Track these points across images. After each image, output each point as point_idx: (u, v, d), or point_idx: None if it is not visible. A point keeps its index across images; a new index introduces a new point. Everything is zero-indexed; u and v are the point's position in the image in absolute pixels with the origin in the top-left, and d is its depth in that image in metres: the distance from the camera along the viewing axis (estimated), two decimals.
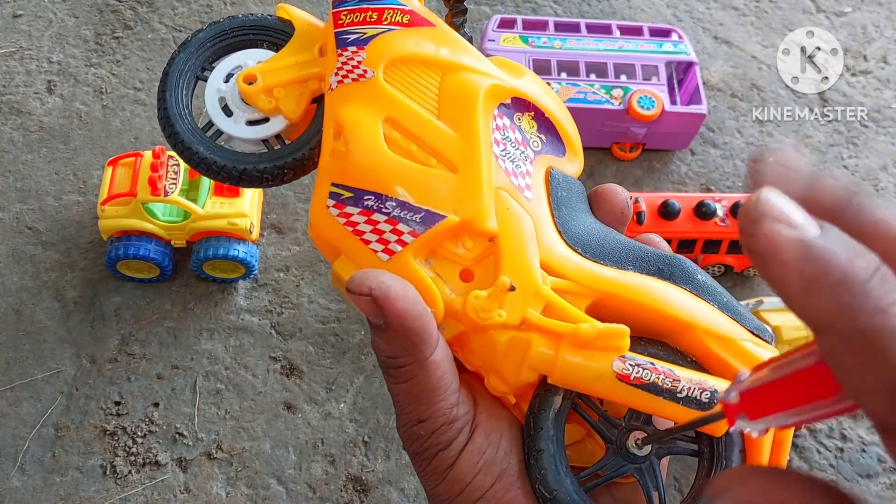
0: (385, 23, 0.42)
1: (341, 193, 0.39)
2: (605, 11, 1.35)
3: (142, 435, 0.94)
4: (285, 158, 0.44)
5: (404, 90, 0.41)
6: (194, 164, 0.44)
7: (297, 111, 0.44)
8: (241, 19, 0.48)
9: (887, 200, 1.18)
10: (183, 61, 0.47)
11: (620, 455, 0.38)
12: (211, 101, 0.46)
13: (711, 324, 0.38)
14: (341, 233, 0.39)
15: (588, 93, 1.14)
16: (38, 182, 1.12)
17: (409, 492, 0.93)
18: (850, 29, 1.36)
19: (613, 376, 0.36)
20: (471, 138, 0.40)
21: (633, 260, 0.40)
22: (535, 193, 0.40)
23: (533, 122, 0.43)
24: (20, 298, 1.03)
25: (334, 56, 0.42)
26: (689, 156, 1.22)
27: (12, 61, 1.22)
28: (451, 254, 0.39)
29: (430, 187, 0.38)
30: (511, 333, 0.38)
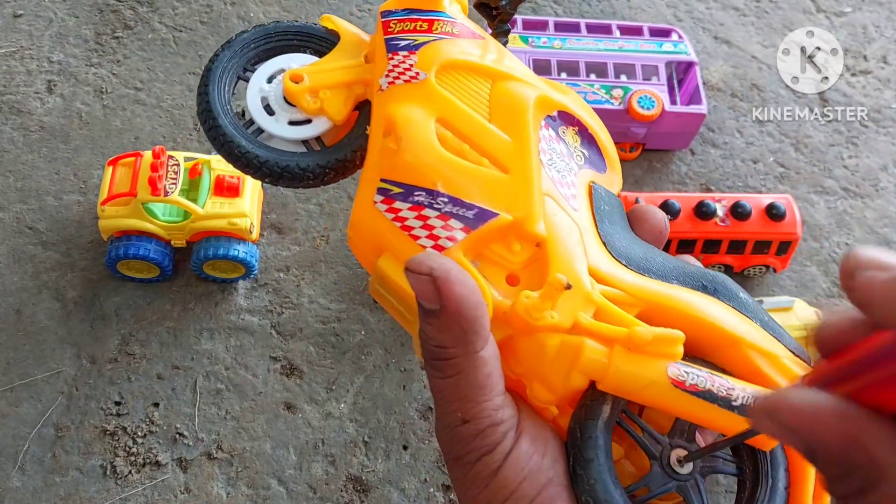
0: (436, 32, 0.43)
1: (390, 189, 0.38)
2: (605, 11, 1.35)
3: (142, 435, 0.94)
4: (328, 158, 0.44)
5: (456, 94, 0.41)
6: (235, 159, 0.44)
7: (343, 113, 0.44)
8: (287, 24, 0.49)
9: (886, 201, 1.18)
10: (227, 59, 0.48)
11: (665, 472, 0.37)
12: (253, 100, 0.46)
13: (756, 340, 0.38)
14: (389, 228, 0.38)
15: (588, 93, 1.14)
16: (38, 182, 1.12)
17: (409, 492, 0.93)
18: (850, 29, 1.36)
19: (668, 382, 0.35)
20: (522, 143, 0.39)
21: (677, 275, 0.40)
22: (579, 205, 0.40)
23: (577, 136, 0.43)
24: (20, 298, 1.03)
25: (384, 60, 0.43)
26: (689, 156, 1.22)
27: (12, 61, 1.22)
28: (498, 257, 0.38)
29: (483, 186, 0.38)
30: (562, 337, 0.36)
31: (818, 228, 1.17)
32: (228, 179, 1.01)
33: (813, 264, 1.14)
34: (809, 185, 1.20)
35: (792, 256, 1.09)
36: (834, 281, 1.12)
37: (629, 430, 0.37)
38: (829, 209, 1.18)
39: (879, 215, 1.18)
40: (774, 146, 1.23)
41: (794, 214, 1.05)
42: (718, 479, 0.90)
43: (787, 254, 1.08)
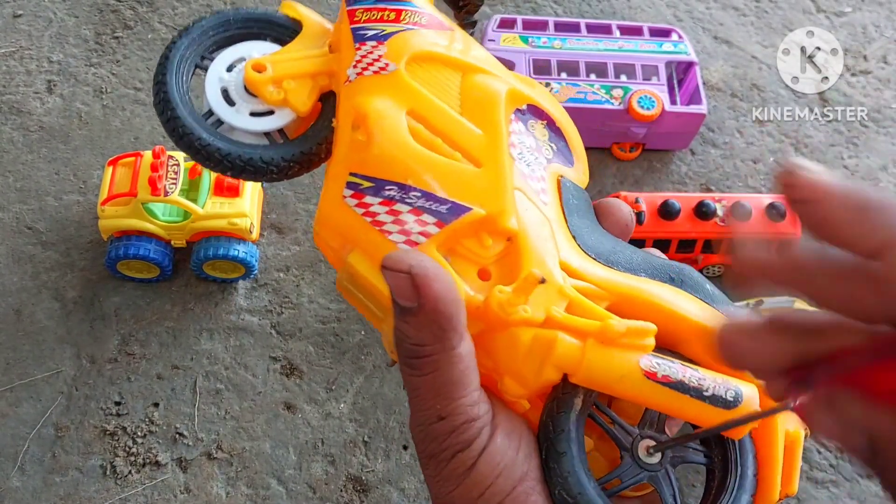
0: (403, 22, 0.42)
1: (360, 183, 0.38)
2: (605, 11, 1.35)
3: (142, 435, 0.94)
4: (292, 150, 0.42)
5: (427, 86, 0.40)
6: (194, 152, 0.42)
7: (308, 104, 0.43)
8: (246, 11, 0.47)
9: None
10: (184, 46, 0.46)
11: (635, 462, 0.37)
12: (212, 90, 0.44)
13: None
14: (358, 224, 0.37)
15: (588, 93, 1.14)
16: (38, 182, 1.12)
17: (409, 492, 0.93)
18: (850, 29, 1.36)
19: (641, 374, 0.35)
20: (494, 136, 0.39)
21: (644, 267, 0.40)
22: (549, 199, 0.40)
23: (545, 130, 0.43)
24: (20, 298, 1.03)
25: (351, 50, 0.41)
26: (689, 156, 1.22)
27: (12, 61, 1.22)
28: (469, 252, 0.38)
29: (456, 179, 0.38)
30: (535, 331, 0.36)
31: None
32: (228, 179, 1.01)
33: None
34: None
35: None
36: None
37: (600, 421, 0.37)
38: None
39: None
40: (774, 146, 1.23)
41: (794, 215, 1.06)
42: (696, 472, 0.90)
43: None
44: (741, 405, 0.35)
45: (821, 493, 0.90)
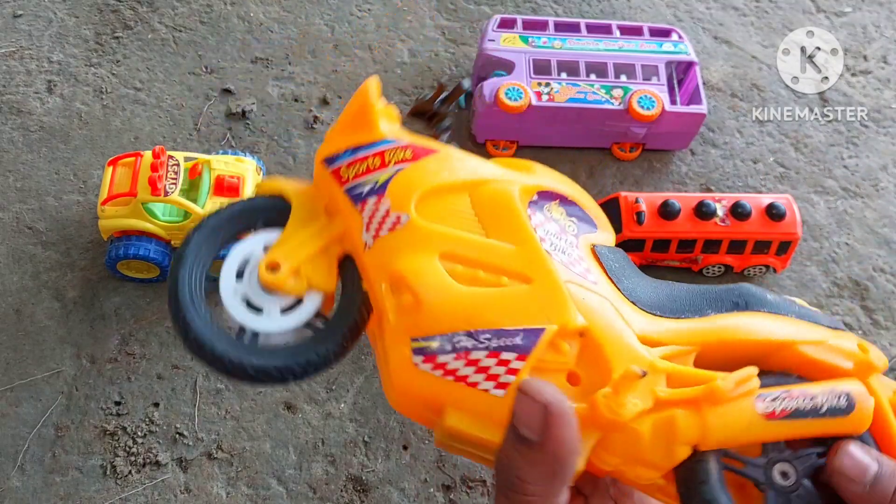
0: (391, 164, 0.41)
1: (427, 346, 0.37)
2: (605, 11, 1.35)
3: (142, 435, 0.94)
4: (341, 329, 0.41)
5: (444, 221, 0.39)
6: (255, 381, 0.41)
7: (332, 281, 0.42)
8: (228, 211, 0.45)
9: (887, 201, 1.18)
10: (187, 274, 0.43)
11: (777, 492, 0.37)
12: (234, 304, 0.42)
13: (802, 335, 0.39)
14: (443, 385, 0.37)
15: (588, 93, 1.14)
16: (38, 182, 1.12)
17: (409, 492, 0.93)
18: (850, 29, 1.36)
19: (762, 418, 0.36)
20: (528, 245, 0.39)
21: (708, 304, 0.41)
22: (595, 275, 0.40)
23: (560, 208, 0.43)
24: (20, 298, 1.03)
25: (355, 213, 0.40)
26: (689, 156, 1.22)
27: (12, 61, 1.22)
28: (551, 363, 0.37)
29: (516, 306, 0.37)
30: (651, 418, 0.37)
31: (818, 228, 1.17)
32: (228, 179, 1.01)
33: (813, 264, 1.14)
34: (809, 185, 1.20)
35: (792, 256, 1.09)
36: (834, 281, 1.12)
37: (733, 469, 0.38)
38: (829, 209, 1.18)
39: (879, 215, 1.18)
40: (774, 146, 1.23)
41: (794, 214, 1.05)
42: None
43: (787, 254, 1.08)
44: (856, 406, 0.37)
45: None
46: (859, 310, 1.10)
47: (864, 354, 0.39)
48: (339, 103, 1.22)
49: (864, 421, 0.37)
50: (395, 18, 1.31)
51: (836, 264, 1.14)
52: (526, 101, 1.11)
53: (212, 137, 1.17)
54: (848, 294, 1.11)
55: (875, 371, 0.39)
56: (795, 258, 1.13)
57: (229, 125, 1.19)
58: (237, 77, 1.23)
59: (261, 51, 1.26)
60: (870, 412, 0.37)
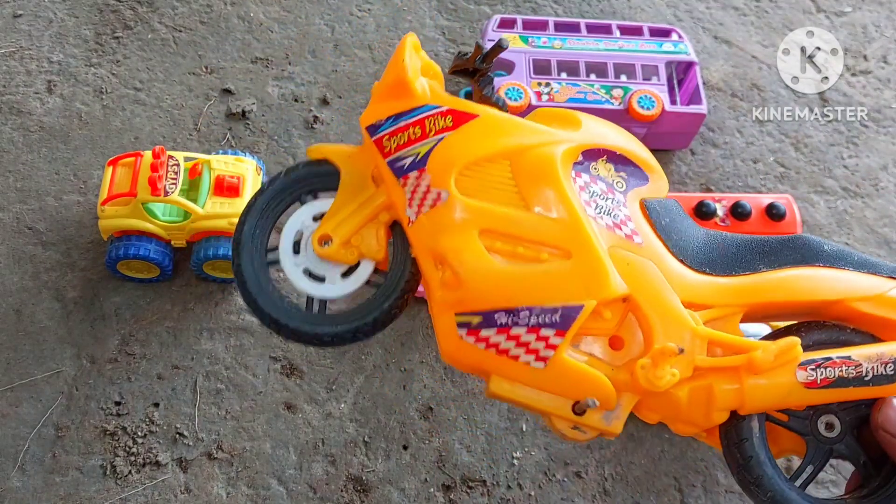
0: (431, 134, 0.41)
1: (469, 321, 0.38)
2: (605, 11, 1.35)
3: (142, 435, 0.94)
4: (398, 285, 0.43)
5: (484, 195, 0.39)
6: (330, 345, 0.44)
7: (382, 248, 0.44)
8: (269, 189, 0.46)
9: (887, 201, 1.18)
10: (248, 259, 0.46)
11: (820, 443, 0.38)
12: (298, 279, 0.45)
13: (855, 290, 0.39)
14: (486, 357, 0.38)
15: (588, 93, 1.14)
16: (38, 182, 1.12)
17: (409, 492, 0.93)
18: (850, 29, 1.36)
19: (801, 387, 0.37)
20: (570, 215, 0.39)
21: (760, 258, 0.40)
22: (642, 234, 0.40)
23: (608, 164, 0.43)
24: (20, 298, 1.03)
25: (396, 186, 0.41)
26: (689, 156, 1.22)
27: (12, 61, 1.22)
28: (594, 329, 0.39)
29: (556, 283, 0.38)
30: (689, 385, 0.38)
31: (818, 228, 1.17)
32: (229, 179, 1.01)
33: None
34: (809, 185, 1.20)
35: None
36: None
37: (776, 421, 0.39)
38: (829, 209, 1.18)
39: (879, 215, 1.18)
40: (774, 146, 1.23)
41: (794, 214, 1.06)
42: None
43: None
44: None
45: (821, 493, 0.90)
46: None
47: None
48: (340, 103, 1.22)
49: None
50: (395, 18, 1.31)
51: None
52: (526, 101, 1.11)
53: (212, 137, 1.17)
54: None
55: None
56: None
57: (229, 125, 1.19)
58: (237, 77, 1.23)
59: (261, 51, 1.26)
60: None
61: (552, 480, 0.94)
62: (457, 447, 0.96)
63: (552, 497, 0.93)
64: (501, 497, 0.93)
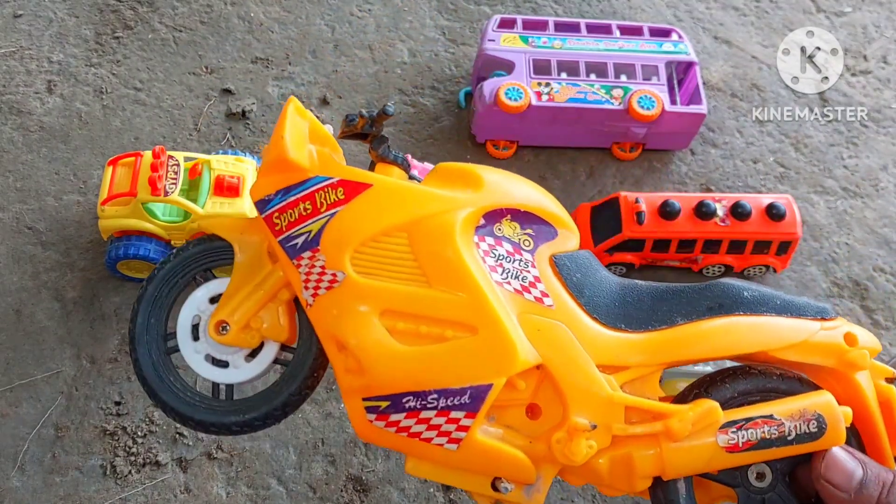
0: (323, 209, 0.39)
1: (378, 405, 0.37)
2: (605, 11, 1.35)
3: (142, 435, 0.94)
4: (307, 364, 0.42)
5: (382, 273, 0.38)
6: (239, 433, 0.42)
7: (284, 329, 0.42)
8: (160, 274, 0.44)
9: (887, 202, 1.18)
10: (146, 351, 0.44)
11: (751, 493, 0.38)
12: (200, 367, 0.43)
13: (778, 339, 0.38)
14: (397, 440, 0.38)
15: (588, 93, 1.14)
16: (38, 182, 1.12)
17: (409, 492, 0.93)
18: (850, 29, 1.36)
19: (723, 451, 0.36)
20: (472, 291, 0.37)
21: (677, 309, 0.39)
22: (553, 295, 0.39)
23: (513, 223, 0.41)
24: (20, 298, 1.03)
25: (291, 267, 0.39)
26: (689, 156, 1.22)
27: (12, 61, 1.22)
28: (510, 400, 0.37)
29: (462, 363, 0.37)
30: (609, 454, 0.37)
31: (818, 228, 1.16)
32: (228, 179, 1.01)
33: (813, 264, 1.14)
34: (809, 185, 1.20)
35: (792, 256, 1.09)
36: (834, 281, 1.12)
37: (705, 475, 0.38)
38: (829, 209, 1.18)
39: (879, 215, 1.18)
40: (774, 146, 1.23)
41: (794, 214, 1.05)
42: None
43: (787, 254, 1.08)
44: (827, 429, 0.36)
45: None
46: (859, 310, 1.10)
47: (849, 348, 0.38)
48: (339, 103, 1.22)
49: (837, 439, 0.37)
50: (395, 18, 1.31)
51: (836, 264, 1.14)
52: (526, 101, 1.11)
53: (212, 137, 1.17)
54: (848, 294, 1.11)
55: (859, 368, 0.38)
56: (795, 258, 1.13)
57: (229, 125, 1.19)
58: (237, 77, 1.23)
59: (261, 51, 1.26)
60: (841, 430, 0.37)
61: None
62: None
63: (552, 497, 0.93)
64: None
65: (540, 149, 1.20)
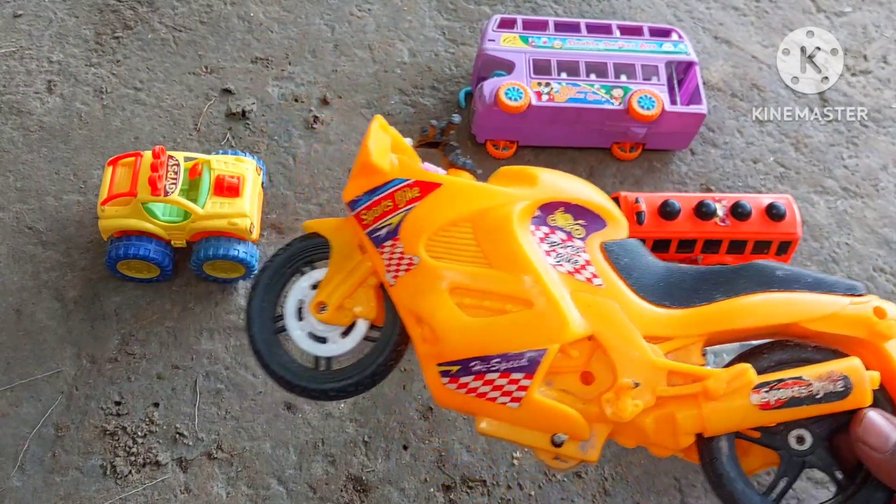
0: (402, 205, 0.46)
1: (450, 370, 0.43)
2: (605, 11, 1.35)
3: (142, 435, 0.95)
4: (392, 339, 0.49)
5: (451, 256, 0.45)
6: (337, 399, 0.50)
7: (373, 309, 0.49)
8: (272, 266, 0.52)
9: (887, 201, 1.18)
10: (258, 332, 0.51)
11: (792, 456, 0.41)
12: (304, 343, 0.51)
13: (809, 311, 0.42)
14: (467, 400, 0.44)
15: (588, 93, 1.14)
16: (38, 182, 1.12)
17: (409, 492, 0.93)
18: (850, 29, 1.36)
19: (757, 409, 0.40)
20: (527, 270, 0.43)
21: (716, 287, 0.44)
22: (603, 276, 0.45)
23: (566, 214, 0.47)
24: (20, 298, 1.03)
25: (377, 256, 0.47)
26: (689, 156, 1.22)
27: (12, 61, 1.22)
28: (565, 366, 0.43)
29: (520, 332, 0.43)
30: (654, 413, 0.42)
31: (818, 228, 1.17)
32: (228, 179, 1.01)
33: (813, 264, 1.14)
34: (809, 185, 1.20)
35: (792, 256, 1.09)
36: None
37: (748, 438, 0.42)
38: (829, 209, 1.18)
39: (879, 215, 1.18)
40: (774, 146, 1.23)
41: (794, 214, 1.05)
42: None
43: (787, 254, 1.08)
44: (853, 389, 0.40)
45: (821, 493, 0.90)
46: None
47: (878, 320, 0.42)
48: (339, 103, 1.22)
49: (863, 399, 0.40)
50: (395, 18, 1.31)
51: (836, 264, 1.14)
52: (526, 101, 1.11)
53: (212, 137, 1.17)
54: None
55: (888, 338, 0.42)
56: (795, 258, 1.13)
57: (229, 125, 1.19)
58: (237, 77, 1.23)
59: (261, 51, 1.26)
60: (867, 391, 0.40)
61: (552, 480, 0.94)
62: (457, 447, 0.96)
63: (552, 497, 0.93)
64: (501, 497, 0.93)
65: (540, 149, 1.20)
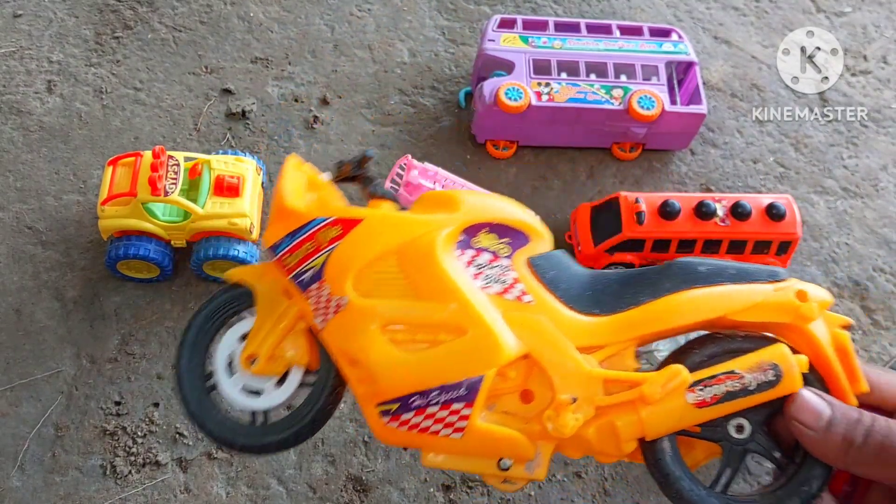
0: (324, 245, 0.45)
1: (389, 408, 0.43)
2: (605, 11, 1.35)
3: (142, 435, 0.94)
4: (329, 383, 0.48)
5: (379, 293, 0.44)
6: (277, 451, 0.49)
7: (305, 353, 0.48)
8: (196, 322, 0.52)
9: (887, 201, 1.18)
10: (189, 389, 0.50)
11: (734, 446, 0.42)
12: (237, 399, 0.50)
13: (735, 303, 0.43)
14: (411, 437, 0.44)
15: (588, 93, 1.14)
16: (38, 182, 1.12)
17: (409, 492, 0.93)
18: (850, 29, 1.36)
19: (694, 408, 0.41)
20: (455, 295, 0.43)
21: (641, 290, 0.45)
22: (532, 292, 0.45)
23: (490, 234, 0.47)
24: (20, 298, 1.03)
25: (303, 299, 0.46)
26: (689, 156, 1.22)
27: (12, 61, 1.22)
28: (504, 388, 0.43)
29: (455, 361, 0.43)
30: (594, 424, 0.42)
31: (818, 228, 1.17)
32: (228, 179, 1.01)
33: (813, 264, 1.14)
34: (809, 185, 1.20)
35: (792, 256, 1.09)
36: (834, 281, 1.12)
37: (689, 434, 0.43)
38: (829, 209, 1.18)
39: (879, 215, 1.18)
40: (774, 146, 1.23)
41: (794, 214, 1.05)
42: None
43: (787, 254, 1.08)
44: (783, 376, 0.41)
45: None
46: (859, 310, 1.10)
47: (800, 303, 0.44)
48: (339, 103, 1.22)
49: (794, 385, 0.41)
50: (395, 18, 1.31)
51: (836, 264, 1.14)
52: (526, 101, 1.11)
53: (212, 137, 1.17)
54: (848, 294, 1.11)
55: (811, 319, 0.43)
56: (795, 258, 1.13)
57: (229, 125, 1.19)
58: (237, 77, 1.23)
59: (261, 51, 1.26)
60: (797, 375, 0.41)
61: (552, 480, 0.94)
62: None
63: (552, 497, 0.93)
64: (501, 497, 0.93)
65: (540, 149, 1.20)
